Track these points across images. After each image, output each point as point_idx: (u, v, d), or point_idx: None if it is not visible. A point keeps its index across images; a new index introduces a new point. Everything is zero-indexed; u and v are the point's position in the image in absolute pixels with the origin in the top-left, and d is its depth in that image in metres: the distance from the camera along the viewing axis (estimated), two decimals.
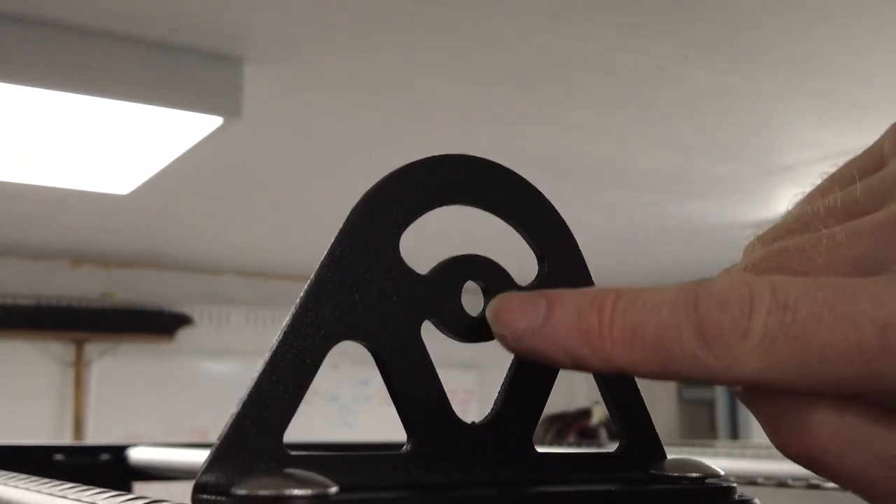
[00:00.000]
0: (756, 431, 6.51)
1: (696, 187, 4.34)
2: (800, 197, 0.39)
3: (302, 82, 3.12)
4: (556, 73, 3.15)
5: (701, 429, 7.05)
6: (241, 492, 0.28)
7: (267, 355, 0.33)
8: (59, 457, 1.22)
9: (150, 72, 2.75)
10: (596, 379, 0.38)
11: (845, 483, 0.33)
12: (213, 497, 0.29)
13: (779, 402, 0.32)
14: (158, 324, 5.72)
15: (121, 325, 5.60)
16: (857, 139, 3.60)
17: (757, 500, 0.37)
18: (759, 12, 2.75)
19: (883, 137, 0.37)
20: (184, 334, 5.81)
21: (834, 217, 0.33)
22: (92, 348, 5.53)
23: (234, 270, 6.07)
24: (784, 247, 0.33)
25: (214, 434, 0.33)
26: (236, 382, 5.44)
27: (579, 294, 0.34)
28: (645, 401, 0.46)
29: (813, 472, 0.33)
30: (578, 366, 0.33)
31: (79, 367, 5.48)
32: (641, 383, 0.44)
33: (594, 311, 0.33)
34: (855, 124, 3.50)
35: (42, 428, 5.37)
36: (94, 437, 5.42)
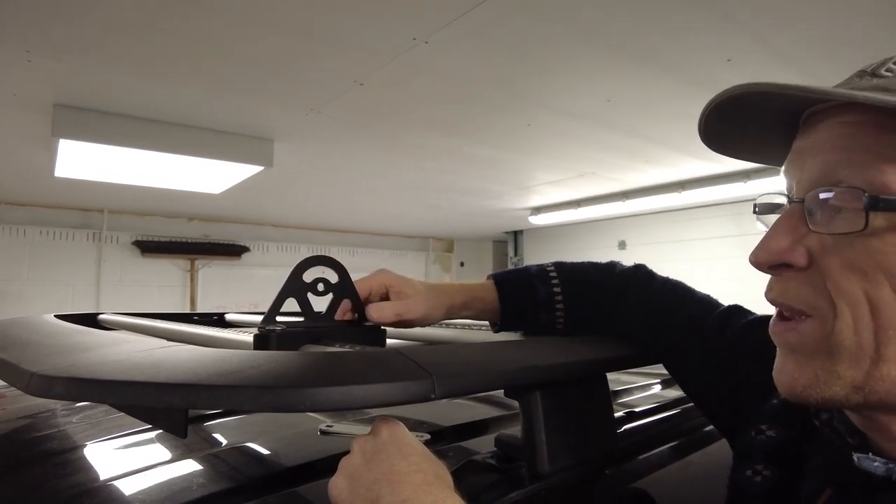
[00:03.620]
0: None
1: (485, 194, 4.18)
2: None
3: (305, 150, 2.96)
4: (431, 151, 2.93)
5: None
6: (261, 328, 0.48)
7: (275, 295, 0.47)
8: (195, 317, 1.20)
9: (228, 146, 2.64)
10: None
11: None
12: (258, 329, 0.47)
13: None
14: (232, 251, 5.42)
15: (213, 251, 5.30)
16: (558, 174, 3.45)
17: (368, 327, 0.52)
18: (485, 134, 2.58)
19: None
20: (245, 256, 5.52)
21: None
22: (198, 263, 5.27)
23: (270, 224, 5.66)
24: None
25: (262, 305, 0.42)
26: (271, 281, 5.38)
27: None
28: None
29: None
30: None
31: (192, 272, 5.23)
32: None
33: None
34: (552, 170, 3.39)
35: (175, 303, 5.11)
36: (201, 308, 5.10)
